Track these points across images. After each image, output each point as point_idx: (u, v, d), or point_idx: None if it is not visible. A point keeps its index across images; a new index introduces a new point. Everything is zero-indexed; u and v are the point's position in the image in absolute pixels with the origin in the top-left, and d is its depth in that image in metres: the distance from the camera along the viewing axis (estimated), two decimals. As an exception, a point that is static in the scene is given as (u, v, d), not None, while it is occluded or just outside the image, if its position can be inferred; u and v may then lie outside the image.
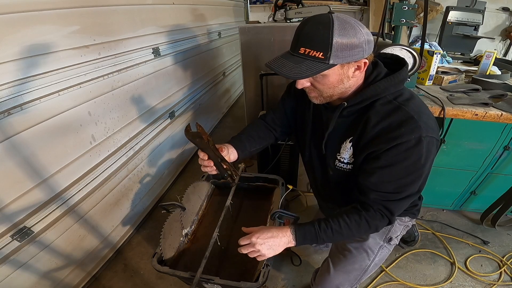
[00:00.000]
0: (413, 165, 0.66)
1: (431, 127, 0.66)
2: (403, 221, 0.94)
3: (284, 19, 1.87)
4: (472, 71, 1.80)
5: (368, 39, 0.62)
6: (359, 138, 0.71)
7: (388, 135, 0.65)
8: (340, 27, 0.59)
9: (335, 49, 0.60)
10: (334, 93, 0.71)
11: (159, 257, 1.08)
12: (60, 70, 1.09)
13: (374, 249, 0.93)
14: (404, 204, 0.74)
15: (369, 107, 0.69)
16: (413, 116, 0.64)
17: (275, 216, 1.11)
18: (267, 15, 2.06)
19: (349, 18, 0.62)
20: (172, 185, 2.19)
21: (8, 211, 0.96)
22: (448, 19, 2.46)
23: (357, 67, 0.66)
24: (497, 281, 1.41)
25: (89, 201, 1.31)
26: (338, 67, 0.64)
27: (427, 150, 0.65)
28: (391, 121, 0.66)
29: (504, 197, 1.51)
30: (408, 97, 0.69)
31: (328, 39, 0.59)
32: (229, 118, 3.44)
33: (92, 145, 1.31)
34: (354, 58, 0.62)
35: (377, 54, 0.78)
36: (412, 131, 0.63)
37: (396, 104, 0.67)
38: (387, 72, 0.71)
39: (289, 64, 0.64)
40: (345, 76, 0.67)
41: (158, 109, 1.87)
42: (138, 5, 1.57)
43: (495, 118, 1.22)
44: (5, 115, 0.90)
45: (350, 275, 0.96)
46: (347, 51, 0.60)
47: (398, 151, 0.65)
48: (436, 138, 0.67)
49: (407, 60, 1.26)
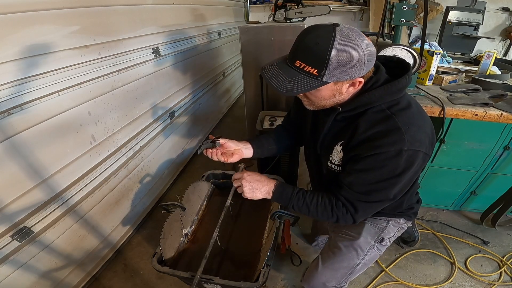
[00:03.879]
0: (388, 173, 0.67)
1: (418, 140, 0.64)
2: (398, 223, 0.94)
3: (284, 19, 1.87)
4: (472, 71, 1.80)
5: (368, 57, 0.60)
6: (348, 143, 0.72)
7: (371, 143, 0.66)
8: (341, 45, 0.57)
9: (331, 67, 0.58)
10: (326, 104, 0.72)
11: (159, 257, 1.08)
12: (60, 70, 1.09)
13: (364, 249, 0.93)
14: (373, 207, 0.76)
15: (361, 114, 0.69)
16: (400, 127, 0.63)
17: (275, 216, 1.11)
18: (267, 15, 2.06)
19: (354, 34, 0.58)
20: (172, 185, 2.19)
21: (8, 211, 0.96)
22: (448, 19, 2.46)
23: (352, 83, 0.65)
24: (497, 281, 1.41)
25: (89, 201, 1.31)
26: (331, 84, 0.63)
27: (407, 162, 0.65)
28: (378, 130, 0.65)
29: (504, 197, 1.51)
30: (404, 106, 0.68)
31: (326, 56, 0.57)
32: (229, 118, 3.44)
33: (92, 145, 1.31)
34: (349, 77, 0.61)
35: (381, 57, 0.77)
36: (394, 142, 0.63)
37: (387, 114, 0.66)
38: (386, 79, 0.69)
39: (282, 76, 0.64)
40: (338, 92, 0.67)
41: (158, 109, 1.87)
42: (138, 5, 1.57)
43: (495, 118, 1.22)
44: (5, 115, 0.90)
45: (337, 273, 0.96)
46: (343, 70, 0.59)
47: (376, 159, 0.66)
48: (423, 151, 0.66)
49: (407, 60, 1.26)
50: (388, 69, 0.72)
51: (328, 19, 4.24)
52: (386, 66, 0.73)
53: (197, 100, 2.49)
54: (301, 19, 1.88)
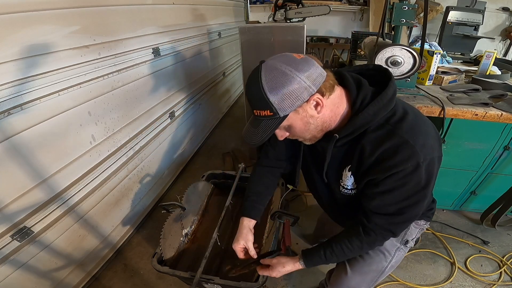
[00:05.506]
0: (413, 188, 0.65)
1: (430, 147, 0.62)
2: (419, 224, 0.94)
3: (284, 19, 1.87)
4: (472, 71, 1.80)
5: (307, 75, 0.58)
6: (358, 168, 0.69)
7: (384, 164, 0.62)
8: (268, 81, 0.58)
9: (276, 103, 0.59)
10: (313, 134, 0.69)
11: (159, 257, 1.08)
12: (60, 70, 1.09)
13: (391, 251, 0.92)
14: (408, 224, 0.74)
15: (362, 135, 0.66)
16: (408, 140, 0.60)
17: (275, 216, 1.11)
18: (267, 15, 2.06)
19: (278, 63, 0.59)
20: (172, 185, 2.19)
21: (8, 211, 0.96)
22: (448, 19, 2.46)
23: (315, 104, 0.62)
24: (497, 281, 1.41)
25: (89, 201, 1.31)
26: (292, 115, 0.62)
27: (427, 172, 0.63)
28: (386, 149, 0.62)
29: (504, 197, 1.51)
30: (401, 115, 0.64)
31: (264, 97, 0.58)
32: (229, 118, 3.43)
33: (92, 145, 1.31)
34: (301, 101, 0.60)
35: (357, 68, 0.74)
36: (409, 158, 0.60)
37: (389, 128, 0.63)
38: (373, 92, 0.66)
39: (250, 129, 0.66)
40: (309, 117, 0.64)
41: (158, 109, 1.87)
42: (138, 5, 1.57)
43: (495, 118, 1.22)
44: (5, 115, 0.90)
45: (367, 277, 0.95)
46: (289, 99, 0.59)
47: (396, 178, 0.63)
48: (437, 155, 0.64)
49: (407, 60, 1.26)
50: (369, 78, 0.69)
51: (328, 19, 4.22)
52: (366, 75, 0.70)
53: (197, 100, 2.49)
54: (301, 19, 1.88)
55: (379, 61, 1.26)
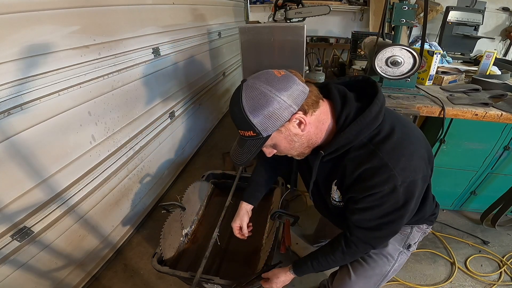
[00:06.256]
0: (391, 207, 0.65)
1: (412, 170, 0.62)
2: (421, 228, 0.94)
3: (284, 19, 1.87)
4: (472, 71, 1.80)
5: (287, 94, 0.58)
6: (341, 183, 0.71)
7: (363, 184, 0.63)
8: (249, 102, 0.58)
9: (258, 124, 0.59)
10: (300, 150, 0.69)
11: (159, 257, 1.08)
12: (60, 70, 1.09)
13: (394, 255, 0.93)
14: (388, 237, 0.77)
15: (346, 153, 0.66)
16: (387, 163, 0.60)
17: (275, 216, 1.11)
18: (267, 15, 2.06)
19: (258, 83, 0.58)
20: (172, 185, 2.19)
21: (8, 211, 0.96)
22: (448, 19, 2.46)
23: (298, 122, 0.62)
24: (497, 281, 1.41)
25: (89, 201, 1.31)
26: (275, 134, 0.62)
27: (406, 193, 0.63)
28: (365, 169, 0.62)
29: (504, 197, 1.51)
30: (387, 134, 0.63)
31: (246, 118, 0.59)
32: (229, 118, 3.41)
33: (92, 145, 1.31)
34: (282, 121, 0.60)
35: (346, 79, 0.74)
36: (386, 181, 0.61)
37: (371, 149, 0.62)
38: (358, 108, 0.65)
39: (237, 149, 0.68)
40: (293, 136, 0.64)
41: (158, 109, 1.87)
42: (138, 5, 1.57)
43: (495, 118, 1.22)
44: (5, 115, 0.90)
45: (370, 281, 0.96)
46: (271, 119, 0.59)
47: (374, 198, 0.64)
48: (421, 176, 0.64)
49: (407, 60, 1.26)
50: (359, 90, 0.69)
51: (328, 19, 4.21)
52: (355, 87, 0.70)
53: (197, 100, 2.49)
54: (301, 19, 1.87)
55: (379, 61, 1.26)
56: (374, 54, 1.27)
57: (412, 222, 0.90)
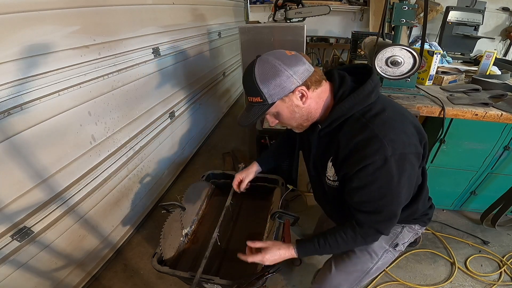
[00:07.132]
0: (385, 185, 0.67)
1: (401, 142, 0.64)
2: (413, 229, 0.94)
3: (284, 19, 1.87)
4: (472, 71, 1.80)
5: (294, 69, 0.66)
6: (335, 159, 0.73)
7: (356, 156, 0.66)
8: (260, 72, 0.66)
9: (265, 91, 0.67)
10: (299, 122, 0.76)
11: (159, 257, 1.08)
12: (60, 70, 1.09)
13: (378, 253, 0.93)
14: (392, 223, 0.76)
15: (340, 127, 0.71)
16: (377, 134, 0.64)
17: (275, 216, 1.11)
18: (267, 15, 2.06)
19: (271, 58, 0.67)
20: (172, 185, 2.19)
21: (8, 211, 0.96)
22: (448, 19, 2.46)
23: (301, 95, 0.69)
24: (497, 281, 1.41)
25: (89, 201, 1.31)
26: (279, 103, 0.70)
27: (398, 168, 0.65)
28: (357, 141, 0.66)
29: (504, 197, 1.51)
30: (378, 111, 0.68)
31: (256, 85, 0.67)
32: (229, 118, 3.43)
33: (92, 145, 1.31)
34: (287, 91, 0.67)
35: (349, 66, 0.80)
36: (377, 151, 0.63)
37: (363, 122, 0.67)
38: (352, 88, 0.71)
39: (244, 113, 0.75)
40: (294, 106, 0.71)
41: (158, 109, 1.87)
42: (138, 5, 1.57)
43: (495, 118, 1.22)
44: (5, 115, 0.90)
45: (350, 276, 0.96)
46: (277, 88, 0.67)
47: (367, 172, 0.66)
48: (410, 151, 0.66)
49: (407, 60, 1.26)
50: (359, 76, 0.74)
51: (328, 19, 4.22)
52: (355, 73, 0.75)
53: (197, 100, 2.49)
54: (301, 19, 1.88)
55: (379, 61, 1.26)
56: (374, 54, 1.27)
57: (404, 220, 0.90)
